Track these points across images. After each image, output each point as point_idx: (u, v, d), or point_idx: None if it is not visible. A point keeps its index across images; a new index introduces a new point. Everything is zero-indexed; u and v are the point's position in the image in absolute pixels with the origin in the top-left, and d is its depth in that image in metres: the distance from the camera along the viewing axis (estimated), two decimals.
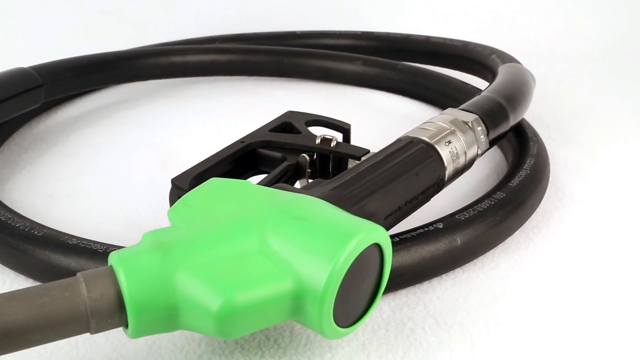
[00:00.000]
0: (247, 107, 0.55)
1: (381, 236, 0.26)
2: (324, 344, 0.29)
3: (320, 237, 0.24)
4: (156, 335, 0.29)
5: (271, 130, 0.36)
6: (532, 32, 0.74)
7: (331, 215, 0.26)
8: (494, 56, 0.50)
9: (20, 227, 0.33)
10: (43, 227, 0.33)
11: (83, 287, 0.23)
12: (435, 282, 0.33)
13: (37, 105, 0.47)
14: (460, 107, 0.37)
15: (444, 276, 0.33)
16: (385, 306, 0.31)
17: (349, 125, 0.38)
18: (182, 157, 0.46)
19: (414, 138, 0.33)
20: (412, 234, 0.32)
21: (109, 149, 0.48)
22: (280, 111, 0.39)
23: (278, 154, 0.35)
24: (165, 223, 0.38)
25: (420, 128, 0.35)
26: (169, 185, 0.42)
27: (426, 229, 0.32)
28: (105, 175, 0.44)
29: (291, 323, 0.30)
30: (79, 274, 0.24)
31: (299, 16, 0.75)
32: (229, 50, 0.59)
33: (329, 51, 0.59)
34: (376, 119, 0.52)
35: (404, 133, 0.35)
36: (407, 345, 0.29)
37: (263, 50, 0.59)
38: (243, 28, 0.69)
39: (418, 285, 0.33)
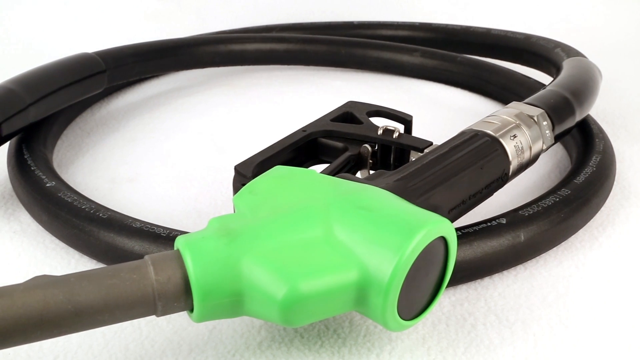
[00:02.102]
0: (303, 96, 0.55)
1: (447, 229, 0.26)
2: (383, 335, 0.28)
3: (386, 228, 0.24)
4: (217, 321, 0.29)
5: (332, 120, 0.36)
6: (596, 26, 0.72)
7: (397, 206, 0.26)
8: (558, 50, 0.49)
9: (86, 209, 0.33)
10: (108, 209, 0.34)
11: (151, 269, 0.24)
12: (497, 278, 0.32)
13: (100, 90, 0.48)
14: (525, 101, 0.37)
15: (505, 272, 0.33)
16: (445, 300, 0.31)
17: (411, 116, 0.37)
18: (240, 144, 0.46)
19: (479, 131, 0.33)
20: (474, 228, 0.32)
21: (168, 134, 0.48)
22: (337, 101, 0.39)
23: (339, 144, 0.35)
24: (223, 209, 0.39)
25: (484, 121, 0.34)
26: (227, 172, 0.42)
27: (489, 224, 0.32)
28: (164, 161, 0.45)
29: (350, 313, 0.30)
30: (146, 257, 0.24)
31: (356, 6, 0.75)
32: (286, 39, 0.59)
33: (387, 42, 0.58)
34: (434, 112, 0.51)
35: (467, 126, 0.34)
36: (468, 341, 0.28)
37: (321, 40, 0.59)
38: (300, 17, 0.69)
39: (479, 280, 0.32)
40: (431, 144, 0.34)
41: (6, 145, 0.42)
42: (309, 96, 0.55)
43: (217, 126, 0.50)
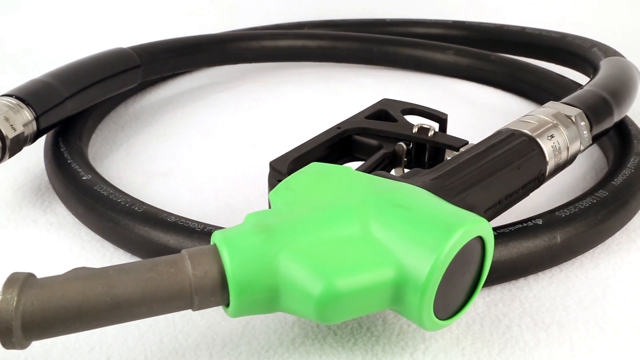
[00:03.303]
0: (335, 93, 0.55)
1: (485, 229, 0.25)
2: (417, 335, 0.28)
3: (424, 226, 0.24)
4: (250, 316, 0.29)
5: (367, 117, 0.36)
6: (633, 25, 0.71)
7: (435, 205, 0.25)
8: (595, 49, 0.48)
9: (122, 203, 0.34)
10: (143, 203, 0.34)
11: (188, 264, 0.24)
12: (532, 279, 0.32)
13: (135, 85, 0.49)
14: (562, 101, 0.36)
15: (540, 274, 0.32)
16: (479, 301, 0.30)
17: (446, 115, 0.37)
18: (272, 140, 0.46)
19: (516, 130, 0.32)
20: (510, 228, 0.31)
21: (201, 130, 0.49)
22: (368, 99, 0.39)
23: (374, 142, 0.34)
24: (256, 204, 0.39)
25: (521, 121, 0.34)
26: (259, 168, 0.42)
27: (525, 224, 0.32)
28: (197, 156, 0.45)
29: (383, 311, 0.29)
30: (183, 251, 0.25)
31: (388, 3, 0.75)
32: (319, 36, 0.58)
33: (420, 40, 0.58)
34: (467, 111, 0.50)
35: (503, 125, 0.34)
36: (503, 342, 0.28)
37: (353, 37, 0.58)
38: (332, 14, 0.69)
39: (513, 281, 0.32)
40: (467, 142, 0.34)
41: (43, 138, 0.42)
42: (341, 93, 0.55)
43: (249, 122, 0.50)
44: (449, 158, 0.34)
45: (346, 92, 0.55)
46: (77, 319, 0.23)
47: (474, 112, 0.51)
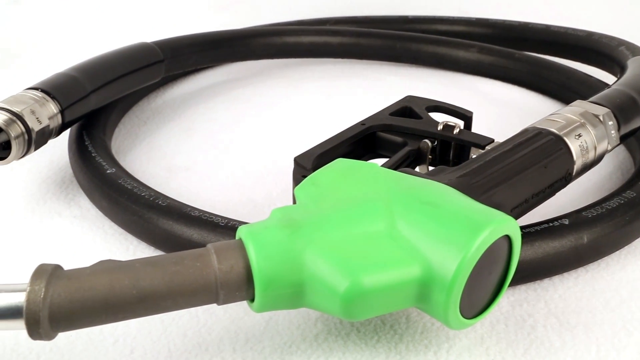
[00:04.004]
0: (357, 90, 0.55)
1: (512, 228, 0.25)
2: (441, 333, 0.28)
3: (451, 224, 0.24)
4: (273, 312, 0.29)
5: (391, 114, 0.36)
6: None
7: (462, 203, 0.25)
8: (622, 48, 0.48)
9: (146, 197, 0.34)
10: (167, 197, 0.34)
11: (214, 258, 0.24)
12: (557, 279, 0.32)
13: (157, 80, 0.49)
14: (590, 100, 0.36)
15: (565, 274, 0.32)
16: (503, 300, 0.30)
17: (471, 112, 0.37)
18: (293, 136, 0.46)
19: (543, 129, 0.32)
20: (536, 228, 0.31)
21: (223, 125, 0.49)
22: (390, 96, 0.39)
23: (399, 139, 0.34)
24: (279, 200, 0.39)
25: (548, 119, 0.33)
26: (281, 164, 0.42)
27: (551, 224, 0.31)
28: (219, 151, 0.45)
29: (407, 309, 0.29)
30: (209, 245, 0.25)
31: (411, 0, 0.74)
32: (341, 32, 0.58)
33: (443, 37, 0.58)
34: (491, 109, 0.50)
35: (530, 124, 0.33)
36: (528, 343, 0.28)
37: (375, 34, 0.58)
38: (354, 11, 0.69)
39: (538, 281, 0.31)
40: (492, 140, 0.34)
41: (66, 131, 0.42)
42: (362, 90, 0.55)
43: (271, 118, 0.50)
44: (474, 156, 0.33)
45: (368, 89, 0.55)
46: (103, 311, 0.23)
47: (497, 110, 0.50)
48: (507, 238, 0.25)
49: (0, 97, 0.37)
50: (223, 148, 0.45)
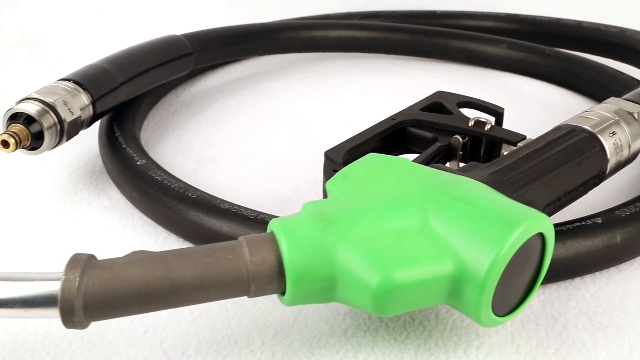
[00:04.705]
0: (384, 85, 0.55)
1: (546, 226, 0.25)
2: (470, 330, 0.28)
3: (485, 221, 0.24)
4: (302, 305, 0.29)
5: (422, 110, 0.36)
6: None
7: (495, 199, 0.25)
8: None
9: (175, 188, 0.34)
10: (196, 189, 0.34)
11: (246, 251, 0.24)
12: (588, 279, 0.31)
13: (186, 72, 0.49)
14: (624, 97, 0.35)
15: (597, 274, 0.31)
16: (534, 299, 0.30)
17: (502, 109, 0.36)
18: (321, 130, 0.46)
19: (576, 126, 0.32)
20: (568, 226, 0.31)
21: (251, 118, 0.49)
22: (419, 91, 0.39)
23: (429, 134, 0.34)
24: (306, 194, 0.39)
25: (581, 116, 0.33)
26: (309, 157, 0.42)
27: (583, 222, 0.31)
28: (247, 144, 0.45)
29: (436, 306, 0.29)
30: (241, 238, 0.25)
31: None
32: (369, 27, 0.58)
33: (472, 32, 0.57)
34: (520, 106, 0.49)
35: (562, 121, 0.33)
36: (559, 342, 0.27)
37: (403, 29, 0.58)
38: (382, 5, 0.68)
39: (569, 280, 0.31)
40: (525, 137, 0.33)
41: (97, 123, 0.43)
42: (390, 85, 0.55)
43: (298, 111, 0.50)
44: (505, 153, 0.33)
45: (396, 84, 0.55)
46: (136, 301, 0.23)
47: (527, 107, 0.50)
48: (541, 236, 0.25)
49: (33, 88, 0.37)
50: (250, 141, 0.45)
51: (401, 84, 0.55)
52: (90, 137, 0.44)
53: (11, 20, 0.73)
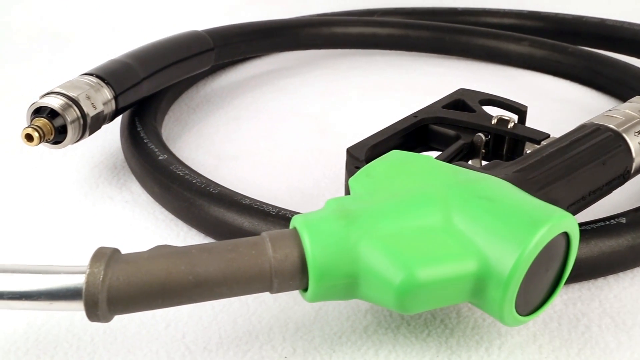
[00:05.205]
0: (405, 82, 0.54)
1: (571, 225, 0.25)
2: (492, 329, 0.28)
3: (509, 219, 0.24)
4: (323, 302, 0.29)
5: (444, 107, 0.36)
6: None
7: (520, 198, 0.25)
8: None
9: (197, 184, 0.34)
10: (218, 185, 0.34)
11: (269, 246, 0.24)
12: (612, 279, 0.31)
13: (207, 68, 0.49)
14: None
15: (621, 274, 0.31)
16: (557, 298, 0.30)
17: (526, 107, 0.36)
18: (341, 127, 0.46)
19: (601, 125, 0.31)
20: (592, 226, 0.30)
21: (271, 114, 0.49)
22: (439, 89, 0.38)
23: (452, 132, 0.34)
24: (327, 190, 0.39)
25: (606, 115, 0.33)
26: (329, 154, 0.42)
27: (607, 222, 0.30)
28: (267, 140, 0.45)
29: (458, 304, 0.29)
30: (264, 234, 0.25)
31: None
32: (389, 23, 0.58)
33: (494, 30, 0.57)
34: (542, 104, 0.49)
35: (586, 119, 0.33)
36: (583, 342, 0.27)
37: (424, 26, 0.58)
38: (403, 2, 0.68)
39: (592, 280, 0.31)
40: (548, 136, 0.33)
41: (118, 118, 0.43)
42: (411, 82, 0.54)
43: (317, 108, 0.50)
44: (528, 151, 0.33)
45: (416, 81, 0.54)
46: (160, 296, 0.23)
47: (549, 105, 0.49)
48: (565, 235, 0.25)
49: (56, 83, 0.37)
50: (270, 137, 0.45)
51: (422, 82, 0.54)
52: (111, 132, 0.44)
53: (34, 15, 0.74)
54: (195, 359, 0.27)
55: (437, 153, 0.33)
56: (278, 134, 0.46)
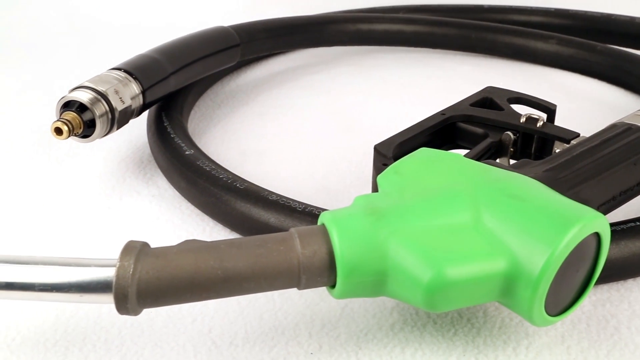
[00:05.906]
0: (430, 79, 0.54)
1: (603, 225, 0.24)
2: (520, 329, 0.28)
3: (539, 219, 0.23)
4: (349, 299, 0.29)
5: (472, 105, 0.35)
6: None
7: (550, 197, 0.25)
8: None
9: (224, 179, 0.34)
10: (244, 180, 0.34)
11: (297, 242, 0.24)
12: None
13: (233, 64, 0.49)
14: None
15: None
16: (585, 299, 0.29)
17: (555, 105, 0.36)
18: (366, 124, 0.46)
19: (632, 125, 0.31)
20: (622, 226, 0.30)
21: (296, 111, 0.49)
22: (465, 87, 0.38)
23: (479, 130, 0.34)
24: (352, 187, 0.39)
25: (637, 115, 0.32)
26: (354, 151, 0.42)
27: (638, 223, 0.30)
28: (292, 137, 0.45)
29: (484, 303, 0.29)
30: (292, 230, 0.25)
31: None
32: (415, 20, 0.58)
33: (520, 27, 0.56)
34: (570, 103, 0.49)
35: (617, 119, 0.32)
36: (611, 344, 0.27)
37: (450, 23, 0.57)
38: None
39: (621, 282, 0.30)
40: (578, 135, 0.33)
41: (145, 112, 0.43)
42: (436, 79, 0.54)
43: (343, 104, 0.50)
44: (557, 150, 0.33)
45: (442, 79, 0.54)
46: (188, 290, 0.23)
47: (577, 104, 0.49)
48: (596, 235, 0.25)
49: (85, 77, 0.37)
50: (296, 134, 0.45)
51: (447, 79, 0.54)
52: (138, 127, 0.44)
53: (63, 10, 0.75)
54: (221, 353, 0.27)
55: (465, 151, 0.32)
56: (303, 130, 0.46)
